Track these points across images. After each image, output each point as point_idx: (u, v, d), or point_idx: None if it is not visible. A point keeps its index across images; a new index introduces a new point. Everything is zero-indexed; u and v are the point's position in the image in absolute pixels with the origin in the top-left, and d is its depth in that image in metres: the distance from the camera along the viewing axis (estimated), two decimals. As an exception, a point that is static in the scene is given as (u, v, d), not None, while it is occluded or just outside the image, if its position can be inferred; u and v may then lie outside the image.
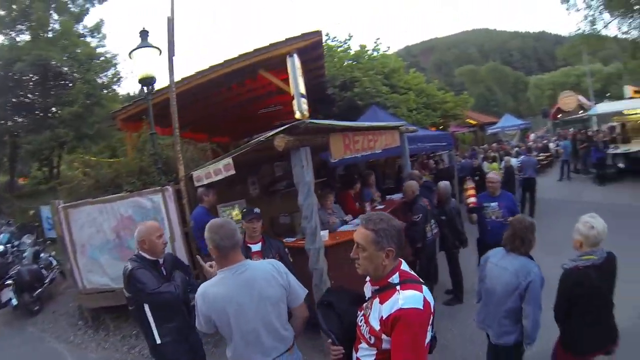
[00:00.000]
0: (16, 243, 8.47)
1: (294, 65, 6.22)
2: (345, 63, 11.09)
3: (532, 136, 27.01)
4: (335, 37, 12.34)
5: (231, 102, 8.81)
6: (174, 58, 4.72)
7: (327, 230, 4.53)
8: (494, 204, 4.57)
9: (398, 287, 1.53)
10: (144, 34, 5.07)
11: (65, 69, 14.46)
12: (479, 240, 4.83)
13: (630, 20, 10.54)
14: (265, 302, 1.94)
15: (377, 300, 1.58)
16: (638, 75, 18.32)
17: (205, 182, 4.26)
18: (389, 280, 1.57)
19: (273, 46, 6.38)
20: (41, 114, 14.90)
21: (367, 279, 1.73)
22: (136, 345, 4.59)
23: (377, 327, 1.53)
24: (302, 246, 3.81)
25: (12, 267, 6.74)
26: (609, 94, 33.04)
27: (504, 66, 65.57)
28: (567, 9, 10.83)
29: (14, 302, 6.01)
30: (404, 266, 1.62)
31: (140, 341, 4.63)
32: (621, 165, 11.70)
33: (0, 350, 5.22)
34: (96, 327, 5.13)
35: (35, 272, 6.48)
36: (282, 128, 3.23)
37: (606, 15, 10.57)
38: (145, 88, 5.19)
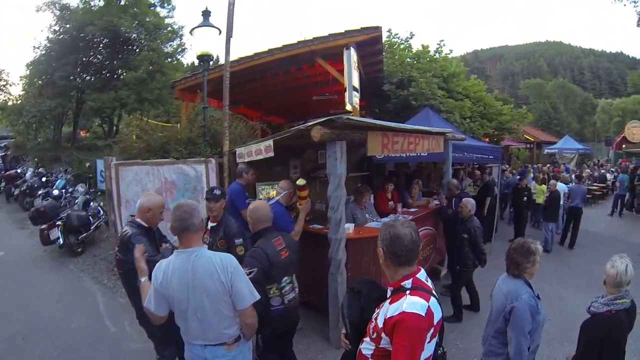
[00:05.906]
0: (70, 190, 9.38)
1: (350, 57, 6.29)
2: (405, 61, 11.04)
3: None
4: (397, 34, 12.42)
5: (286, 85, 9.21)
6: (231, 39, 4.94)
7: (354, 224, 4.61)
8: None
9: (407, 292, 1.59)
10: (206, 13, 5.37)
11: (134, 35, 15.38)
12: None
13: None
14: (201, 292, 1.95)
15: (389, 300, 1.66)
16: None
17: (247, 159, 4.44)
18: (401, 284, 1.64)
19: (332, 36, 6.53)
20: (107, 75, 16.08)
21: None
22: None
23: (380, 324, 1.60)
24: (325, 234, 3.94)
25: (63, 210, 7.52)
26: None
27: (573, 85, 61.64)
28: None
29: (61, 241, 6.76)
30: (421, 275, 1.67)
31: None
32: (680, 212, 10.66)
33: (43, 281, 5.85)
34: (128, 276, 5.62)
35: (83, 218, 7.19)
36: (320, 120, 3.35)
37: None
38: (202, 64, 5.49)
